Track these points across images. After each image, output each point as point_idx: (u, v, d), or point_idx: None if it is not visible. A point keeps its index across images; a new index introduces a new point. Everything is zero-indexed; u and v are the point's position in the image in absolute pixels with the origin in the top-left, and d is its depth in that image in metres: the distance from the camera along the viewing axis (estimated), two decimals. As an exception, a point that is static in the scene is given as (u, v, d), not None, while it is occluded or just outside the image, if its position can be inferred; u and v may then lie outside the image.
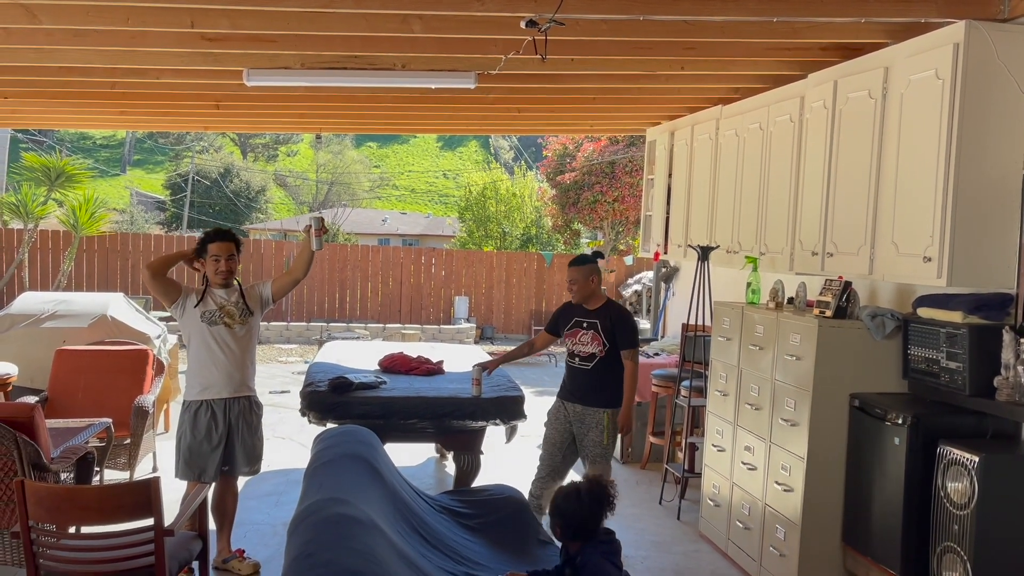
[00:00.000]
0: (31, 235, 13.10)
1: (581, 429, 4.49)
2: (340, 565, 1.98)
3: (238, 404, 4.24)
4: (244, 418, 4.26)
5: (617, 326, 4.44)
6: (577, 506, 2.76)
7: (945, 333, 3.51)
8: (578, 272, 4.50)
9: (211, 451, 4.17)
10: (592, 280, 4.50)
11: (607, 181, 13.26)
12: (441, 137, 46.62)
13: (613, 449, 4.56)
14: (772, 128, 4.88)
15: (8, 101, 6.01)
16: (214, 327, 4.18)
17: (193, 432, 4.16)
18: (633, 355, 4.45)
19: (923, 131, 3.55)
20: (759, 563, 4.29)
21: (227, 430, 4.20)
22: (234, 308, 4.23)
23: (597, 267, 4.55)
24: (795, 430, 3.99)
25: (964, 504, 3.21)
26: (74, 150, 33.94)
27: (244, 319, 4.26)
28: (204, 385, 4.20)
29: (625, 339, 4.44)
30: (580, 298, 4.53)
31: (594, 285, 4.52)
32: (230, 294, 4.27)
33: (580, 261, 4.55)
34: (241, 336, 4.24)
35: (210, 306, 4.21)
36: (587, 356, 4.48)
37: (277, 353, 12.23)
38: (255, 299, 4.35)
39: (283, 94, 5.71)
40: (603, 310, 4.50)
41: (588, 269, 4.50)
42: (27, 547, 3.00)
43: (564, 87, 5.48)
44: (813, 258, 4.38)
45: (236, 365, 4.22)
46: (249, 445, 4.29)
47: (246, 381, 4.29)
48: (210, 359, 4.18)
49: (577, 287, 4.52)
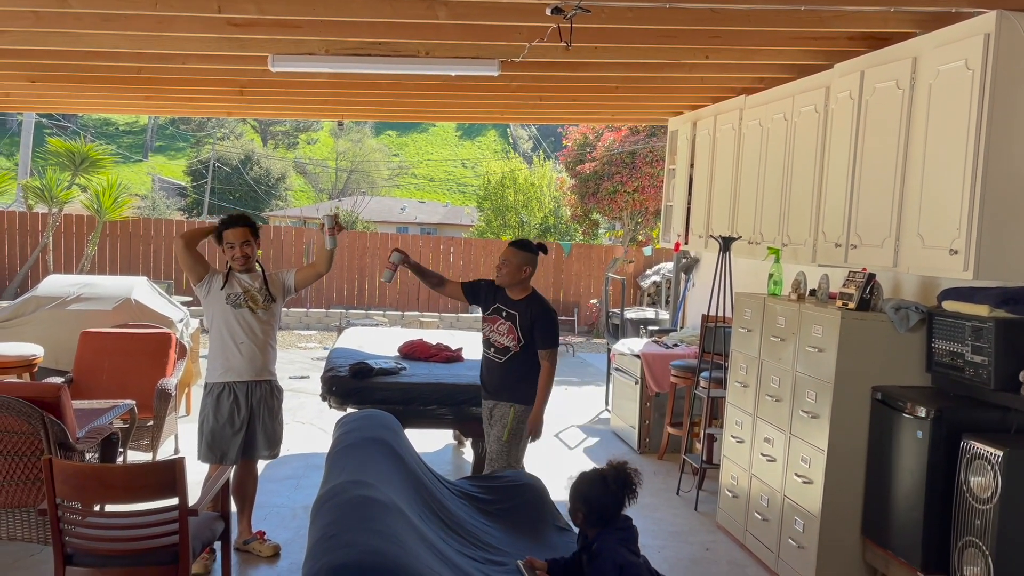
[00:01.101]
0: (55, 219, 13.26)
1: (488, 423, 4.33)
2: (363, 545, 2.00)
3: (260, 388, 4.28)
4: (265, 402, 4.30)
5: (537, 324, 4.18)
6: (603, 491, 2.77)
7: (971, 327, 3.48)
8: (514, 255, 4.23)
9: (233, 434, 4.21)
10: (524, 270, 4.23)
11: (627, 171, 13.20)
12: (460, 126, 46.61)
13: (516, 450, 4.21)
14: (797, 119, 4.84)
15: (36, 86, 6.08)
16: (238, 310, 4.22)
17: (216, 416, 4.21)
18: (550, 355, 4.18)
19: (951, 122, 3.51)
20: (777, 554, 4.28)
21: (249, 414, 4.24)
22: (258, 294, 4.27)
23: (535, 259, 4.29)
24: (816, 422, 3.98)
25: (987, 499, 3.19)
26: (97, 136, 34.25)
27: (267, 304, 4.30)
28: (226, 367, 4.23)
29: (543, 338, 4.18)
30: (506, 282, 4.25)
31: (524, 275, 4.24)
32: (254, 279, 4.31)
33: (522, 246, 4.29)
34: (263, 320, 4.28)
35: (235, 289, 4.25)
36: (501, 348, 4.25)
37: (296, 339, 12.32)
38: (277, 286, 4.38)
39: (306, 80, 5.73)
40: (525, 303, 4.25)
41: (525, 257, 4.24)
42: (54, 524, 3.06)
43: (587, 75, 5.46)
44: (836, 250, 4.35)
45: (258, 348, 4.26)
46: (270, 429, 4.33)
47: (267, 365, 4.33)
48: (232, 341, 4.22)
49: (507, 270, 4.23)
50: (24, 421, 3.75)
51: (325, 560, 1.94)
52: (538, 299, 4.31)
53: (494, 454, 4.23)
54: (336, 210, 4.52)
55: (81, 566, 3.09)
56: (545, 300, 4.35)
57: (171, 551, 3.12)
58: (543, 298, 4.35)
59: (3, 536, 3.90)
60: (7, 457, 3.80)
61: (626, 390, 6.86)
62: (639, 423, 6.57)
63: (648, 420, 6.58)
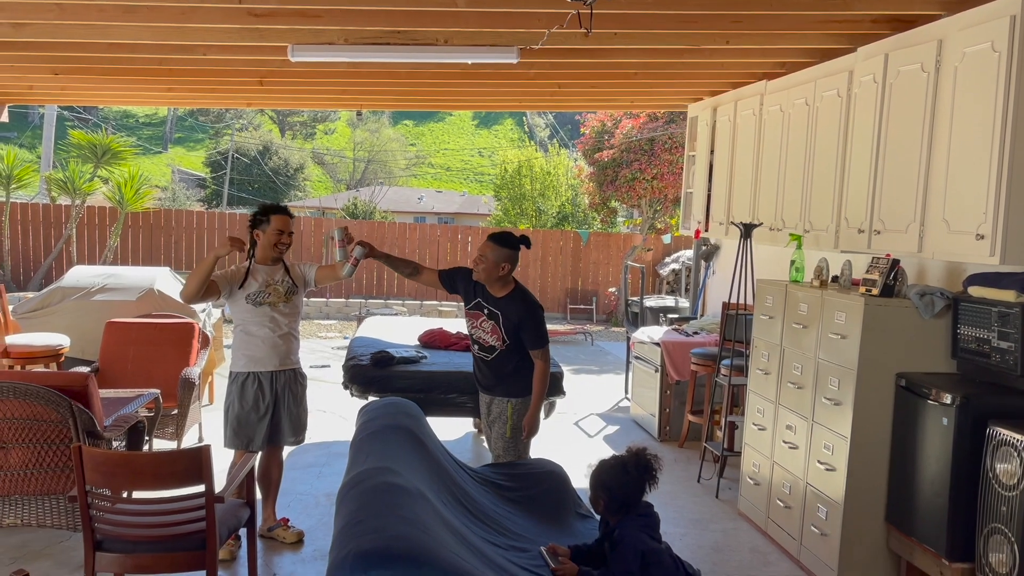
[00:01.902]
0: (78, 211, 13.41)
1: (488, 419, 4.16)
2: (389, 532, 2.02)
3: (284, 375, 4.31)
4: (290, 389, 4.33)
5: (523, 325, 3.95)
6: (623, 478, 2.77)
7: (997, 312, 3.44)
8: (492, 251, 3.92)
9: (258, 421, 4.25)
10: (503, 267, 3.94)
11: (646, 158, 13.12)
12: (477, 115, 46.54)
13: (520, 444, 4.07)
14: (819, 103, 4.80)
15: (59, 78, 6.14)
16: (259, 307, 4.24)
17: (241, 402, 4.24)
18: (543, 354, 3.97)
19: (977, 105, 3.46)
20: (799, 542, 4.27)
21: (273, 400, 4.28)
22: (280, 287, 4.29)
23: (515, 255, 3.98)
24: (839, 409, 3.96)
25: (1013, 485, 3.16)
26: (118, 128, 34.55)
27: (289, 297, 4.32)
28: (249, 358, 4.27)
29: (532, 339, 3.96)
30: (483, 279, 3.98)
31: (503, 272, 3.95)
32: (275, 271, 4.32)
33: (500, 240, 3.97)
34: (285, 313, 4.30)
35: (254, 287, 4.24)
36: (487, 347, 4.05)
37: (317, 329, 12.39)
38: (299, 278, 4.39)
39: (325, 70, 5.74)
40: (507, 301, 3.98)
41: (504, 254, 3.93)
42: (84, 510, 3.10)
43: (606, 62, 5.43)
44: (859, 236, 4.31)
45: (281, 339, 4.29)
46: (295, 415, 4.37)
47: (291, 354, 4.36)
48: (255, 336, 4.25)
49: (484, 266, 3.94)
50: (53, 410, 3.81)
51: (352, 546, 1.96)
52: (520, 296, 4.01)
53: (500, 451, 4.08)
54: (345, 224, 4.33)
55: (110, 551, 3.14)
56: (528, 296, 4.05)
57: (198, 537, 3.16)
58: (526, 294, 4.06)
59: (33, 523, 3.97)
60: (37, 445, 3.86)
61: (646, 378, 6.85)
62: (659, 411, 6.57)
63: (668, 408, 6.57)
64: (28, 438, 3.85)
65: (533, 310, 4.00)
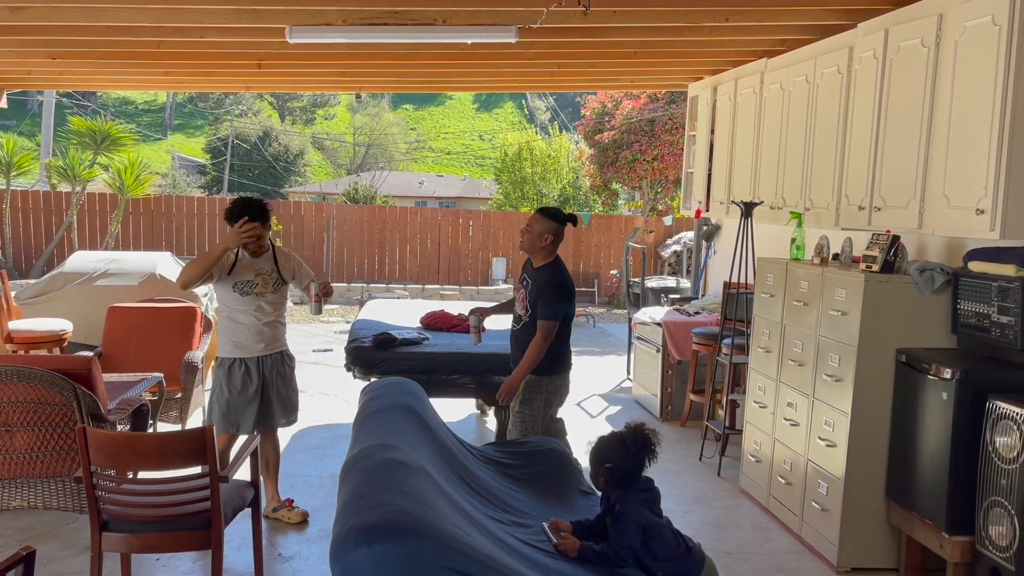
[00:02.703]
0: (79, 198, 13.41)
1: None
2: (392, 506, 2.03)
3: (271, 359, 4.31)
4: (277, 371, 4.33)
5: (540, 293, 4.05)
6: (623, 454, 2.79)
7: (997, 287, 3.44)
8: (537, 222, 4.13)
9: (246, 405, 4.24)
10: (545, 238, 4.10)
11: (646, 140, 13.09)
12: (477, 99, 46.36)
13: (529, 420, 4.12)
14: (819, 80, 4.78)
15: (57, 63, 6.12)
16: (246, 296, 4.21)
17: (229, 387, 4.24)
18: (543, 326, 4.01)
19: (978, 80, 3.45)
20: (800, 517, 4.30)
21: (262, 383, 4.28)
22: (268, 276, 4.25)
23: (559, 229, 4.14)
24: (839, 386, 3.97)
25: (1013, 459, 3.17)
26: (116, 115, 34.46)
27: (277, 287, 4.29)
28: (235, 343, 4.26)
29: (541, 308, 4.03)
30: (526, 248, 4.18)
31: (543, 243, 4.11)
32: (265, 261, 4.28)
33: (547, 213, 4.16)
34: (272, 301, 4.28)
35: (243, 276, 4.21)
36: (517, 317, 4.22)
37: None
38: (288, 270, 4.35)
39: (324, 52, 5.72)
40: (540, 271, 4.13)
41: (548, 226, 4.10)
42: (89, 491, 3.13)
43: (605, 41, 5.41)
44: (860, 213, 4.31)
45: (267, 326, 4.28)
46: (284, 396, 4.36)
47: (278, 338, 4.35)
48: (240, 323, 4.24)
49: (529, 236, 4.13)
50: (57, 393, 3.83)
51: (355, 520, 1.98)
52: (552, 268, 4.13)
53: (509, 423, 4.22)
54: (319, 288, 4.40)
55: (117, 531, 3.16)
56: (559, 270, 4.14)
57: (203, 517, 3.18)
58: (559, 268, 4.16)
59: (40, 505, 4.01)
60: (41, 428, 3.89)
61: (647, 358, 6.86)
62: (661, 391, 6.59)
63: (670, 388, 6.59)
64: (33, 421, 3.87)
65: (553, 282, 4.07)
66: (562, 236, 4.19)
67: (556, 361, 4.17)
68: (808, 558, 4.13)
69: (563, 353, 4.20)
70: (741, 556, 4.13)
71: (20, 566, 1.94)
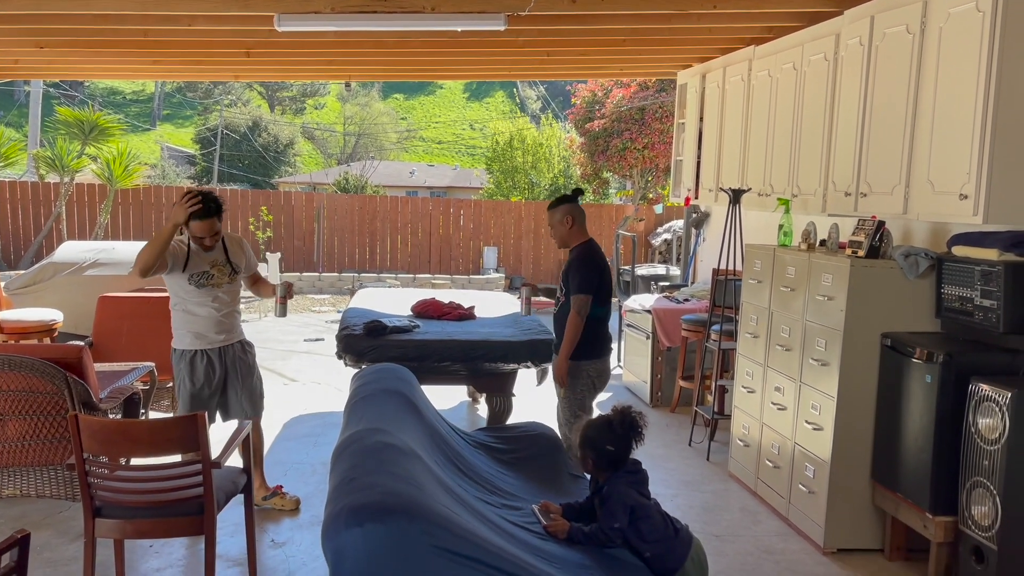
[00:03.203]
0: (67, 188, 13.33)
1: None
2: (382, 487, 2.06)
3: (232, 349, 4.24)
4: (240, 360, 4.26)
5: (570, 269, 4.17)
6: (610, 436, 2.82)
7: (980, 271, 3.49)
8: (552, 215, 4.26)
9: (210, 396, 4.18)
10: (565, 221, 4.20)
11: (637, 128, 13.11)
12: (467, 88, 46.23)
13: (574, 403, 4.22)
14: (806, 67, 4.81)
15: (44, 52, 6.09)
16: (203, 289, 4.11)
17: (192, 380, 4.15)
18: (576, 301, 4.09)
19: (962, 66, 3.48)
20: (788, 500, 4.35)
21: (224, 374, 4.21)
22: (223, 266, 4.16)
23: (574, 207, 4.23)
24: (826, 370, 4.02)
25: (995, 440, 3.23)
26: (104, 105, 34.22)
27: (232, 277, 4.20)
28: (195, 335, 4.15)
29: (572, 284, 4.13)
30: (560, 243, 4.30)
31: (566, 227, 4.21)
32: (217, 251, 4.17)
33: (555, 204, 4.28)
34: (229, 291, 4.20)
35: (198, 267, 4.10)
36: (557, 299, 4.37)
37: (310, 303, 12.42)
38: (239, 258, 4.25)
39: (313, 40, 5.72)
40: (571, 252, 4.25)
41: (561, 211, 4.22)
42: (82, 478, 3.14)
43: (594, 28, 5.42)
44: (846, 199, 4.34)
45: (226, 316, 4.20)
46: (250, 385, 4.29)
47: (235, 327, 4.28)
48: (200, 314, 4.14)
49: (554, 231, 4.29)
50: (48, 381, 3.84)
51: (346, 501, 2.01)
52: (583, 248, 4.22)
53: (558, 411, 4.30)
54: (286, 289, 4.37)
55: (110, 517, 3.18)
56: (589, 249, 4.22)
57: (196, 502, 3.20)
58: (590, 248, 4.24)
59: (32, 493, 4.02)
60: (33, 417, 3.90)
61: (638, 346, 6.91)
62: (651, 377, 6.64)
63: (660, 374, 6.64)
64: (24, 410, 3.89)
65: (581, 259, 4.17)
66: (581, 212, 4.27)
67: (596, 345, 4.22)
68: (795, 540, 4.18)
69: (601, 337, 4.25)
70: (729, 538, 4.18)
71: (15, 549, 1.96)
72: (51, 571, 3.64)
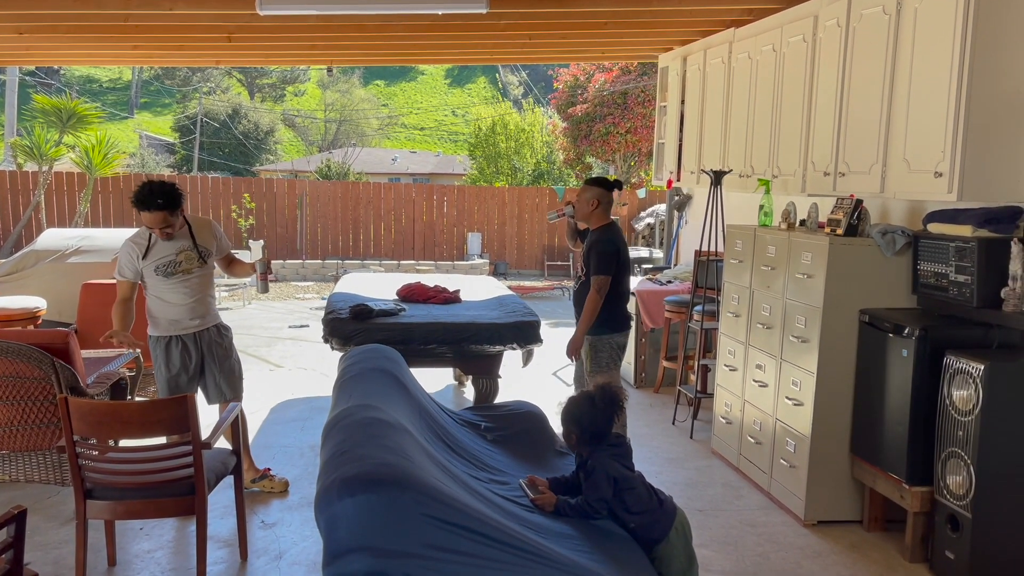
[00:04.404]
0: (46, 177, 13.21)
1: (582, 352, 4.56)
2: (373, 458, 2.11)
3: (207, 333, 4.19)
4: (216, 344, 4.21)
5: (591, 251, 4.41)
6: (591, 410, 2.88)
7: (954, 247, 3.57)
8: (585, 191, 4.50)
9: (188, 381, 4.15)
10: (591, 203, 4.46)
11: (619, 112, 13.15)
12: (449, 74, 46.03)
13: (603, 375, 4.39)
14: (785, 49, 4.86)
15: (23, 37, 6.03)
16: (172, 278, 4.06)
17: (168, 365, 4.12)
18: (597, 282, 4.34)
19: (937, 46, 3.55)
20: (769, 475, 4.44)
21: (201, 359, 4.17)
22: (190, 252, 4.08)
23: (604, 193, 4.48)
24: (806, 346, 4.10)
25: (968, 411, 3.32)
26: (81, 93, 33.80)
27: (201, 263, 4.12)
28: (169, 321, 4.12)
29: (592, 264, 4.38)
30: (579, 217, 4.55)
31: (591, 207, 4.47)
32: (182, 238, 4.08)
33: (593, 181, 4.55)
34: (200, 275, 4.13)
35: (162, 257, 4.03)
36: (577, 277, 4.61)
37: (294, 290, 12.40)
38: (208, 242, 4.17)
39: (294, 24, 5.70)
40: (593, 234, 4.49)
41: (595, 192, 4.46)
42: (72, 460, 3.17)
43: (576, 11, 5.44)
44: (825, 179, 4.41)
45: (198, 303, 4.14)
46: (228, 369, 4.24)
47: (210, 312, 4.23)
48: (172, 301, 4.10)
49: (578, 204, 4.53)
50: (35, 367, 3.85)
51: (338, 473, 2.05)
52: (604, 229, 4.46)
53: (585, 383, 4.47)
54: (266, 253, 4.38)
55: (101, 499, 3.21)
56: (610, 231, 4.46)
57: (187, 483, 3.24)
58: (611, 229, 4.48)
59: (21, 479, 4.04)
60: (21, 402, 3.91)
61: (621, 327, 6.97)
62: (635, 359, 6.71)
63: (644, 355, 6.71)
64: (11, 395, 3.89)
65: (602, 240, 4.40)
66: (610, 200, 4.50)
67: (615, 319, 4.48)
68: (776, 513, 4.28)
69: (621, 311, 4.52)
70: (712, 513, 4.27)
71: (11, 525, 1.99)
72: (42, 554, 3.66)
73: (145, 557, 3.69)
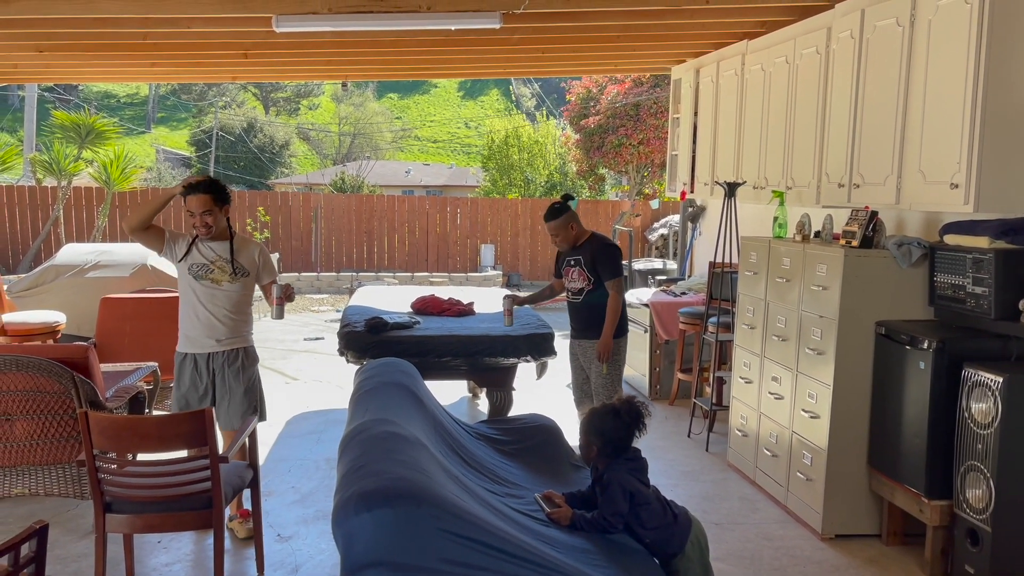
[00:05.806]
0: (65, 192, 13.36)
1: (586, 361, 4.68)
2: (390, 473, 2.12)
3: (223, 356, 4.05)
4: (229, 368, 4.05)
5: (598, 259, 4.52)
6: (615, 423, 2.88)
7: (971, 259, 3.55)
8: (555, 226, 4.57)
9: (199, 400, 4.07)
10: (571, 227, 4.57)
11: (632, 124, 13.17)
12: (462, 86, 46.25)
13: (618, 378, 4.62)
14: (799, 61, 4.87)
15: (43, 56, 6.13)
16: (200, 281, 3.99)
17: (179, 383, 4.09)
18: (615, 285, 4.51)
19: (951, 57, 3.54)
20: (786, 488, 4.42)
21: (211, 381, 4.05)
22: (226, 264, 4.01)
23: (571, 213, 4.57)
24: (821, 359, 4.08)
25: (988, 424, 3.29)
26: (99, 108, 34.19)
27: (233, 278, 4.02)
28: (186, 336, 4.08)
29: (606, 271, 4.51)
30: (566, 246, 4.64)
31: (574, 231, 4.59)
32: (221, 248, 4.03)
33: (552, 214, 4.56)
34: (229, 292, 4.02)
35: (198, 259, 4.00)
36: (577, 291, 4.64)
37: (309, 303, 12.47)
38: (250, 261, 4.09)
39: (310, 41, 5.76)
40: (585, 247, 4.59)
41: (563, 219, 4.55)
42: (92, 474, 3.20)
43: (588, 25, 5.47)
44: (840, 190, 4.41)
45: (220, 319, 4.01)
46: (238, 396, 4.06)
47: (236, 334, 4.08)
48: (193, 312, 4.03)
49: (560, 239, 4.61)
50: (55, 381, 3.89)
51: (355, 488, 2.06)
52: (597, 238, 4.64)
53: (600, 388, 4.58)
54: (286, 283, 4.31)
55: (120, 512, 3.24)
56: (604, 237, 4.66)
57: (204, 496, 3.26)
58: (602, 236, 4.68)
59: (41, 492, 4.07)
60: (41, 416, 3.95)
61: (636, 339, 6.96)
62: (650, 371, 6.70)
63: (658, 367, 6.70)
64: (32, 409, 3.93)
65: (606, 246, 4.60)
66: (576, 216, 4.63)
67: (624, 321, 4.64)
68: (793, 526, 4.25)
69: (624, 314, 4.66)
70: (729, 527, 4.24)
71: (34, 539, 2.01)
72: (61, 567, 3.69)
73: (163, 570, 3.72)
